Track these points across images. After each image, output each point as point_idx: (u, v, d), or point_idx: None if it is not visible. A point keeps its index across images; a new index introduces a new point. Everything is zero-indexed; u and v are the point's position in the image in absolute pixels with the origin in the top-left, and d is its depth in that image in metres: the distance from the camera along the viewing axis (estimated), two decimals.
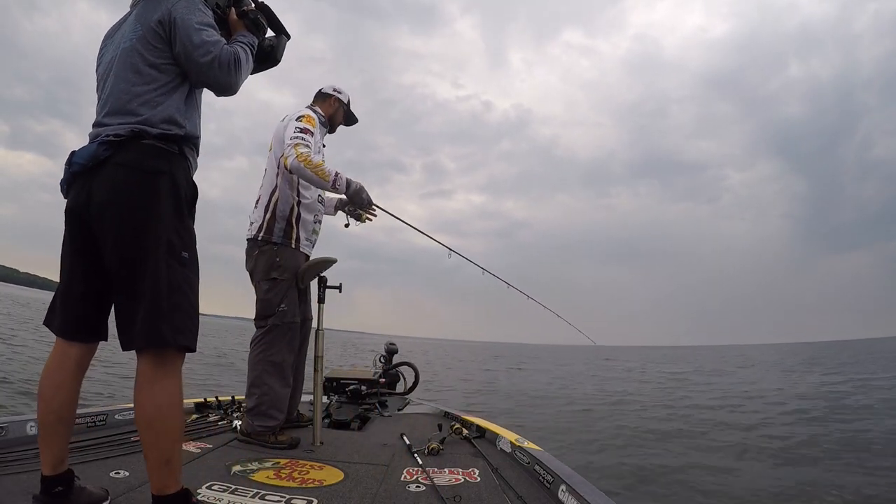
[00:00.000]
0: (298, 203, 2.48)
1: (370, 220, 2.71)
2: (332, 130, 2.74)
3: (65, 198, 1.39)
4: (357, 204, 2.49)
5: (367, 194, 2.44)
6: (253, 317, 2.49)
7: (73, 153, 1.36)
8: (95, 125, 1.38)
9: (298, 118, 2.41)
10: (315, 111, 2.60)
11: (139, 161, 1.31)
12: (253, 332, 2.50)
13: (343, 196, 2.48)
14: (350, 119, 2.80)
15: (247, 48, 1.49)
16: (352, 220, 2.74)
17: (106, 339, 1.43)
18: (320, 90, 2.72)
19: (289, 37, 1.69)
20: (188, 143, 1.41)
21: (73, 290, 1.37)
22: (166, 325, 1.25)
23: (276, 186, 2.45)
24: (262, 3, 1.62)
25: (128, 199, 1.29)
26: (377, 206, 2.59)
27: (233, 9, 1.56)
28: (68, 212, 1.36)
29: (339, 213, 2.84)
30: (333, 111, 2.70)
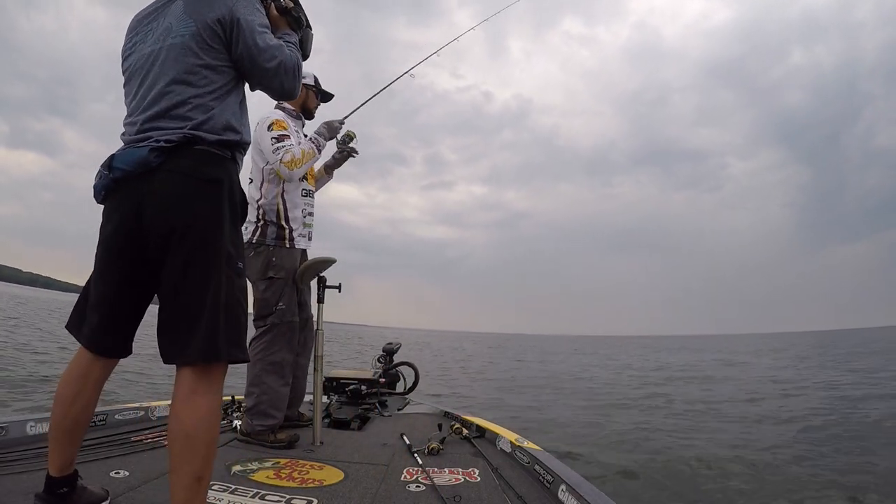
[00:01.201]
0: (284, 203, 2.49)
1: (354, 146, 2.80)
2: (310, 116, 2.71)
3: (99, 203, 1.31)
4: (335, 132, 2.60)
5: (335, 121, 2.59)
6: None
7: (113, 157, 1.27)
8: (135, 126, 1.28)
9: (269, 127, 2.40)
10: (283, 108, 2.59)
11: (195, 168, 1.23)
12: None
13: (326, 160, 2.69)
14: (325, 96, 2.76)
15: (297, 50, 1.44)
16: (353, 155, 2.82)
17: (130, 354, 1.38)
18: None
19: (312, 29, 1.62)
20: (240, 149, 1.35)
21: (109, 304, 1.30)
22: (225, 339, 1.20)
23: (260, 194, 2.48)
24: None
25: (190, 209, 1.21)
26: (347, 116, 2.70)
27: (272, 4, 1.48)
28: (114, 221, 1.28)
29: (336, 167, 2.86)
30: (303, 98, 2.65)
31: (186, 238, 1.20)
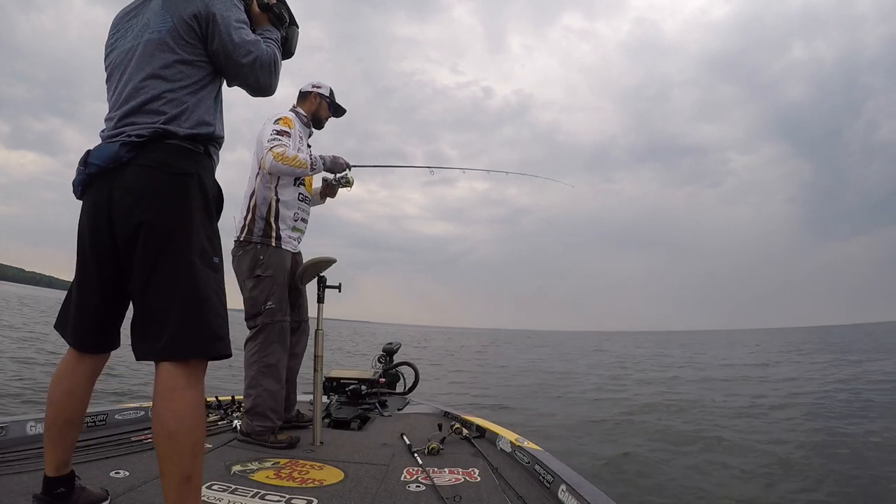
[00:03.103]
0: (277, 202, 2.49)
1: (352, 182, 2.85)
2: (319, 126, 2.76)
3: (77, 198, 1.31)
4: (339, 171, 2.67)
5: (343, 158, 2.65)
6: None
7: (88, 153, 1.27)
8: (112, 122, 1.29)
9: (276, 121, 2.46)
10: (296, 112, 2.64)
11: (165, 162, 1.23)
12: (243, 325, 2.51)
13: (322, 180, 2.74)
14: (337, 110, 2.82)
15: (276, 46, 1.43)
16: (343, 190, 2.85)
17: (118, 347, 1.38)
18: (300, 90, 2.75)
19: (298, 27, 1.61)
20: (214, 143, 1.35)
21: (89, 300, 1.30)
22: (203, 334, 1.19)
23: (254, 188, 2.49)
24: None
25: (157, 202, 1.21)
26: (357, 165, 2.79)
27: (254, 0, 1.46)
28: (87, 216, 1.28)
29: (329, 195, 2.88)
30: (316, 107, 2.70)
31: (155, 232, 1.20)
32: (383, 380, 3.68)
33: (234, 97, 1.46)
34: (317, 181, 2.80)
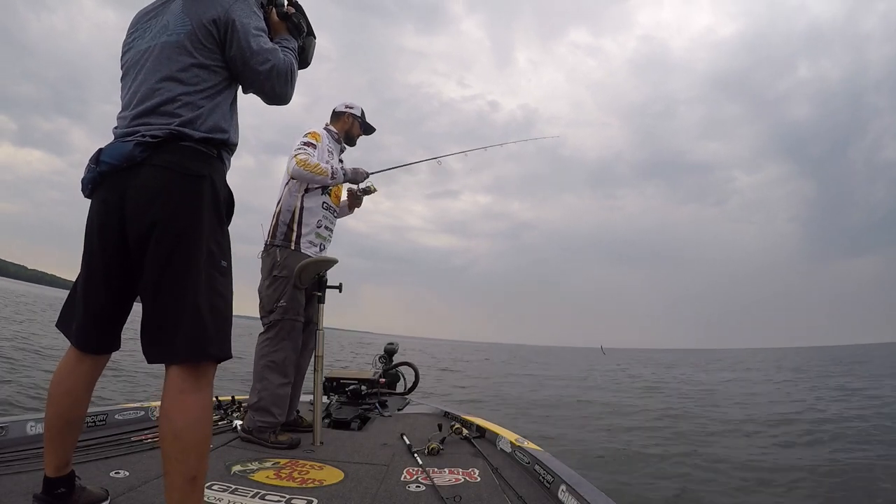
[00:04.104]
0: (301, 209, 2.61)
1: (375, 190, 3.00)
2: (351, 143, 2.94)
3: (86, 197, 1.31)
4: (360, 180, 2.85)
5: (363, 169, 2.84)
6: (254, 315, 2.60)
7: (100, 151, 1.27)
8: (125, 120, 1.29)
9: (305, 134, 2.65)
10: (328, 129, 2.81)
11: (180, 163, 1.23)
12: (255, 330, 2.59)
13: (346, 192, 2.89)
14: (368, 129, 2.99)
15: (293, 56, 1.44)
16: (366, 198, 2.99)
17: (119, 349, 1.38)
18: (334, 109, 2.92)
19: (315, 37, 1.62)
20: (227, 148, 1.35)
21: (94, 298, 1.30)
22: (207, 338, 1.20)
23: (281, 196, 2.64)
24: (298, 2, 1.55)
25: (169, 203, 1.21)
26: (375, 172, 2.98)
27: (273, 9, 1.47)
28: (97, 215, 1.27)
29: (355, 206, 3.01)
30: (349, 126, 2.89)
31: (167, 233, 1.20)
32: (383, 380, 3.68)
33: (238, 103, 1.45)
34: (344, 194, 2.94)
